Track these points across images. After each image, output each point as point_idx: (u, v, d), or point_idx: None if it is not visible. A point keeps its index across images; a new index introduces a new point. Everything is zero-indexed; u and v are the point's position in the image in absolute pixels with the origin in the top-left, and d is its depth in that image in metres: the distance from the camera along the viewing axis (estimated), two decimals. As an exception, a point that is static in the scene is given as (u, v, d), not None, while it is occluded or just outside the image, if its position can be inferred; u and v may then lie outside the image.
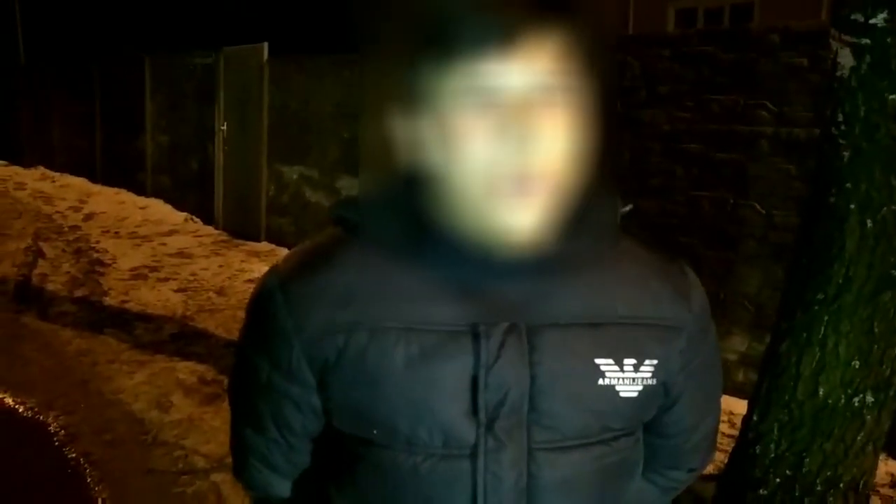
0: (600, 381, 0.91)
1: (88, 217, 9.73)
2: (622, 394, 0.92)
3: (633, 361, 0.92)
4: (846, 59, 2.32)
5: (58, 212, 10.09)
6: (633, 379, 0.92)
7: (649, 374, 0.93)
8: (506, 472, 0.89)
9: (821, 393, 2.45)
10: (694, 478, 1.12)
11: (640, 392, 0.92)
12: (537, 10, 0.81)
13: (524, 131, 0.80)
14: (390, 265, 0.89)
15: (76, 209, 10.24)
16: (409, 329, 0.88)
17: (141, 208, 10.15)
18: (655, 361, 0.93)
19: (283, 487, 1.02)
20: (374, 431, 0.90)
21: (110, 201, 10.66)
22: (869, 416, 2.47)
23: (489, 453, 0.88)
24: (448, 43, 0.80)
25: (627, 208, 0.96)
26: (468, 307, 0.88)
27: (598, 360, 0.91)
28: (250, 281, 6.67)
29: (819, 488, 2.50)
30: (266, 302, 0.94)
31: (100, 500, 3.28)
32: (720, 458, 2.83)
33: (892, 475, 3.48)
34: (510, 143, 0.81)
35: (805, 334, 2.47)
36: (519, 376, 0.88)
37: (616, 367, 0.91)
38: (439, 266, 0.88)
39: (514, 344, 0.88)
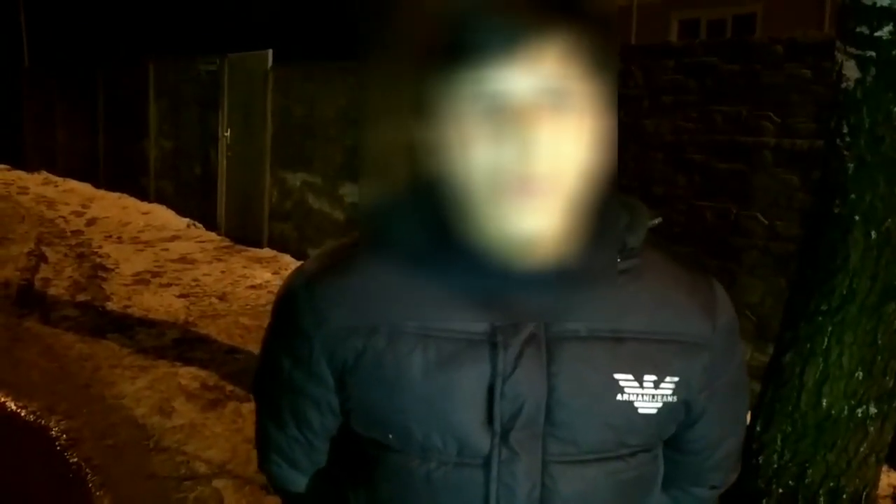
0: (619, 397, 0.90)
1: (91, 222, 9.74)
2: (641, 410, 0.90)
3: (653, 378, 0.91)
4: (851, 71, 2.33)
5: (61, 216, 10.10)
6: (653, 396, 0.91)
7: (670, 391, 0.92)
8: (519, 484, 0.88)
9: (824, 404, 2.45)
10: (716, 495, 1.10)
11: (659, 409, 0.91)
12: (541, 14, 0.80)
13: (527, 133, 0.80)
14: (411, 271, 0.89)
15: (79, 214, 10.26)
16: (426, 335, 0.88)
17: (144, 213, 10.16)
18: (677, 378, 0.92)
19: (303, 483, 1.04)
20: (390, 436, 0.90)
21: (113, 206, 10.68)
22: (872, 428, 2.46)
23: (503, 464, 0.88)
24: (454, 48, 0.80)
25: (657, 221, 0.94)
26: (487, 315, 0.88)
27: (617, 375, 0.90)
28: (252, 287, 6.68)
29: (822, 499, 2.50)
30: (291, 301, 0.95)
31: (101, 506, 3.28)
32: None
33: (895, 487, 3.47)
34: (513, 145, 0.80)
35: (809, 345, 2.46)
36: (536, 387, 0.87)
37: (636, 383, 0.90)
38: (459, 273, 0.87)
39: (532, 354, 0.87)
